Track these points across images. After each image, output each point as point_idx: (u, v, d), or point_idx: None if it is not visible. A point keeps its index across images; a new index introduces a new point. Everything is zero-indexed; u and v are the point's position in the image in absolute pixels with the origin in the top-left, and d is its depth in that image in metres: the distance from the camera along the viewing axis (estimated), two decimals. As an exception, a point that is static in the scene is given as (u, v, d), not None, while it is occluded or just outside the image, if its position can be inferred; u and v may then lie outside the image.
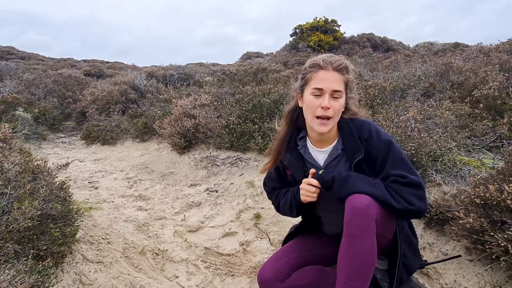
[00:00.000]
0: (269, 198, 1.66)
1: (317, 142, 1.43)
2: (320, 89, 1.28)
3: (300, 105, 1.41)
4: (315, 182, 1.31)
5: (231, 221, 2.66)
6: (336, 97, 1.29)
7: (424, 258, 1.59)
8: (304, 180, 1.34)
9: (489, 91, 3.03)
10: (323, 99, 1.28)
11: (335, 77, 1.29)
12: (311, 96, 1.31)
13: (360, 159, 1.30)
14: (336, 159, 1.38)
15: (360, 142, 1.32)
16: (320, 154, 1.43)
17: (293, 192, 1.45)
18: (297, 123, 1.47)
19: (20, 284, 1.26)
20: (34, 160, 2.30)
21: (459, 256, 1.64)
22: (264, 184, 1.65)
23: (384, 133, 1.34)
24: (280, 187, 1.58)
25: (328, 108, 1.27)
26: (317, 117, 1.30)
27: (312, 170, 1.34)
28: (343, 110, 1.35)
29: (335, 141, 1.40)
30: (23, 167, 1.98)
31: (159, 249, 2.25)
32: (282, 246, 1.64)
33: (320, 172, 1.32)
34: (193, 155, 4.05)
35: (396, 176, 1.25)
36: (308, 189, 1.31)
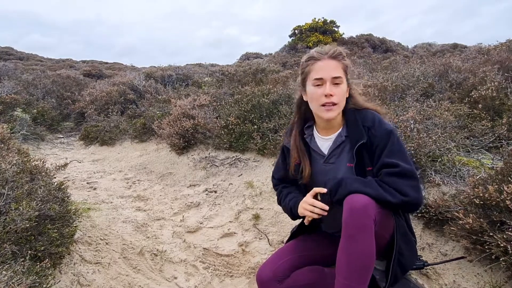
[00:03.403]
0: (275, 190, 1.68)
1: (324, 129, 1.45)
2: (320, 79, 1.32)
3: (305, 99, 1.45)
4: (320, 204, 1.31)
5: (230, 221, 2.65)
6: (337, 83, 1.32)
7: (423, 259, 1.59)
8: (308, 197, 1.36)
9: (488, 91, 3.03)
10: (324, 88, 1.31)
11: (332, 64, 1.32)
12: (313, 88, 1.35)
13: (362, 144, 1.32)
14: (340, 146, 1.40)
15: (363, 129, 1.34)
16: (325, 142, 1.45)
17: (290, 204, 1.47)
18: (305, 115, 1.51)
19: (18, 285, 1.25)
20: (32, 160, 2.30)
21: (464, 257, 1.63)
22: (272, 176, 1.69)
23: (387, 123, 1.36)
24: (286, 177, 1.59)
25: (332, 95, 1.31)
26: (323, 105, 1.33)
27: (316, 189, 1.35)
28: (347, 97, 1.39)
29: (340, 129, 1.42)
30: (21, 167, 1.97)
31: (157, 249, 2.24)
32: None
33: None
34: (192, 155, 4.04)
35: (390, 165, 1.26)
36: (308, 207, 1.34)
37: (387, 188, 1.22)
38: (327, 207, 1.30)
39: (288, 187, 1.59)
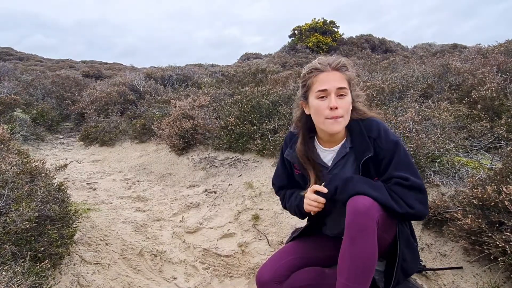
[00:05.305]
0: (277, 195, 1.67)
1: (327, 142, 1.41)
2: (324, 91, 1.26)
3: (307, 112, 1.39)
4: (321, 199, 1.30)
5: (229, 222, 2.66)
6: (342, 95, 1.27)
7: (422, 261, 1.59)
8: (310, 193, 1.34)
9: (487, 92, 3.04)
10: (329, 100, 1.26)
11: (336, 76, 1.28)
12: (316, 100, 1.29)
13: (369, 158, 1.29)
14: (344, 158, 1.37)
15: (369, 141, 1.31)
16: (328, 154, 1.41)
17: (296, 201, 1.46)
18: (307, 126, 1.44)
19: (18, 286, 1.25)
20: (32, 161, 2.30)
21: (461, 267, 1.64)
22: (272, 183, 1.67)
23: (392, 134, 1.33)
24: (288, 185, 1.58)
25: (337, 108, 1.25)
26: (328, 118, 1.28)
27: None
28: (351, 109, 1.34)
29: (344, 140, 1.39)
30: (21, 168, 1.97)
31: (157, 250, 2.25)
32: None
33: (322, 184, 1.32)
34: (192, 156, 4.05)
35: (399, 178, 1.24)
36: (312, 203, 1.32)
37: (395, 197, 1.21)
38: (324, 200, 1.30)
39: (291, 189, 1.58)
